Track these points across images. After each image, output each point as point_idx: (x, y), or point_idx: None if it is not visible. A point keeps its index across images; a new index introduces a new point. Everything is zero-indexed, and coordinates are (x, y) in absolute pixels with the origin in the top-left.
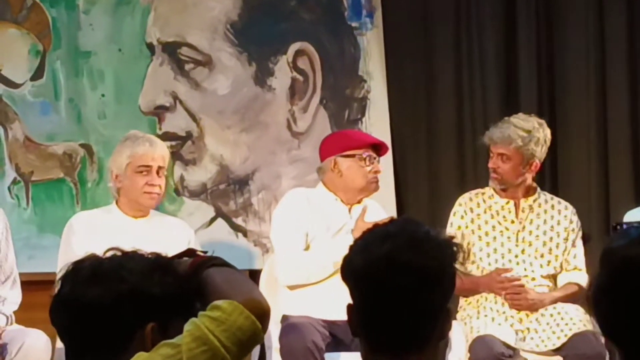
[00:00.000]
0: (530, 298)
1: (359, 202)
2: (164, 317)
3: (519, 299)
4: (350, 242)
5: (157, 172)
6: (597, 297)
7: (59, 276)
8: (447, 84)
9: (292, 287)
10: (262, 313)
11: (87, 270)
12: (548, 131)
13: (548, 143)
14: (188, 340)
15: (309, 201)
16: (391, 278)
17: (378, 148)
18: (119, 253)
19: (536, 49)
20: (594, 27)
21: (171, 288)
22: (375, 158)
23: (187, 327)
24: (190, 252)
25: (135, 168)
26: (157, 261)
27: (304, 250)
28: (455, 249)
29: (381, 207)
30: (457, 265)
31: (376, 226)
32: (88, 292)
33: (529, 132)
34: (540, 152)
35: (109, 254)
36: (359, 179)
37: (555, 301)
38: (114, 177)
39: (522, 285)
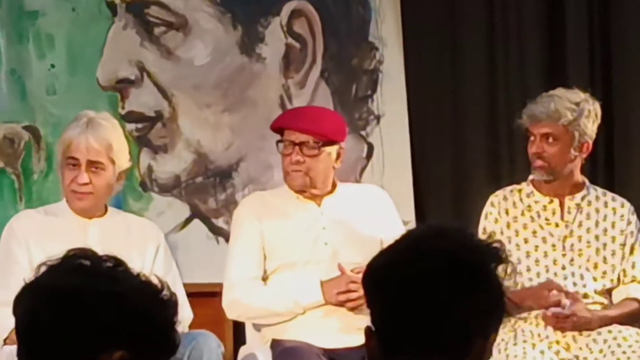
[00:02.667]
0: (579, 316)
1: (330, 192)
2: (141, 351)
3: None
4: (319, 275)
5: (91, 167)
6: None
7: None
8: (478, 51)
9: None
10: None
11: (76, 260)
12: (597, 105)
13: (599, 119)
14: None
15: (266, 206)
16: (414, 263)
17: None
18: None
19: (587, 12)
20: None
21: (162, 321)
22: (298, 144)
23: None
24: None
25: (64, 159)
26: (159, 287)
27: (259, 270)
28: (497, 249)
29: (387, 196)
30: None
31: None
32: (71, 280)
33: (577, 105)
34: (592, 129)
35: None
36: (283, 170)
37: (608, 322)
38: (58, 167)
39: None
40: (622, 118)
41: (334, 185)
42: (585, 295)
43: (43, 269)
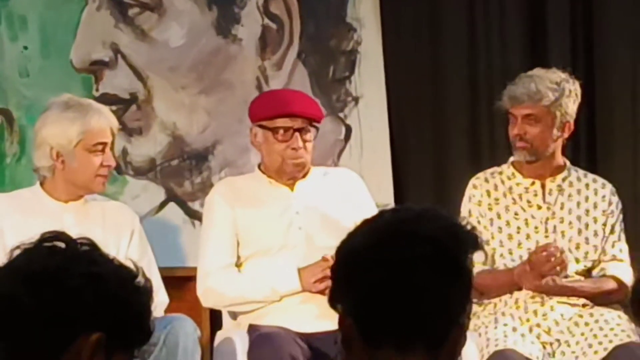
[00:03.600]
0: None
1: (303, 176)
2: (116, 335)
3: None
4: (294, 261)
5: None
6: None
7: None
8: (457, 31)
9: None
10: None
11: (51, 243)
12: (577, 84)
13: (579, 99)
14: None
15: (238, 191)
16: (397, 248)
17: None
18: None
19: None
20: None
21: (138, 306)
22: (297, 130)
23: None
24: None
25: (90, 147)
26: (134, 272)
27: (233, 256)
28: (476, 235)
29: (359, 179)
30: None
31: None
32: (48, 262)
33: (558, 84)
34: (573, 108)
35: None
36: (273, 158)
37: (580, 294)
38: (54, 155)
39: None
40: (604, 99)
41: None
42: (566, 277)
43: (17, 252)
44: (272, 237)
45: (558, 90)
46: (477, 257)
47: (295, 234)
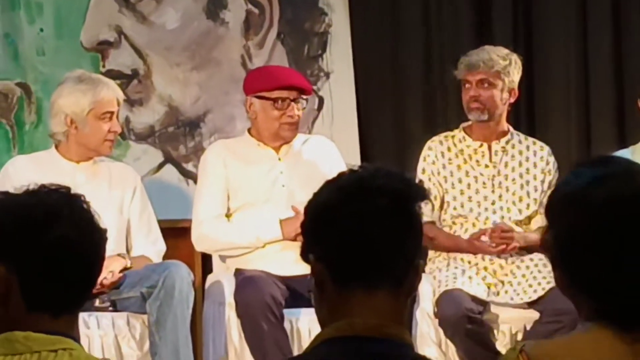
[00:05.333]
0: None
1: (288, 141)
2: (25, 267)
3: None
4: (277, 213)
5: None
6: (570, 248)
7: None
8: (414, 15)
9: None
10: None
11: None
12: (519, 60)
13: (520, 71)
14: None
15: (230, 152)
16: (358, 201)
17: (302, 88)
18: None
19: None
20: None
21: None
22: (293, 100)
23: None
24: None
25: (100, 115)
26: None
27: (223, 208)
28: (425, 189)
29: (332, 145)
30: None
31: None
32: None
33: (507, 56)
34: (517, 77)
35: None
36: (270, 123)
37: (529, 243)
38: (69, 122)
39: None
40: (542, 73)
41: None
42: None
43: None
44: (259, 192)
45: (507, 60)
46: (425, 208)
47: (278, 190)
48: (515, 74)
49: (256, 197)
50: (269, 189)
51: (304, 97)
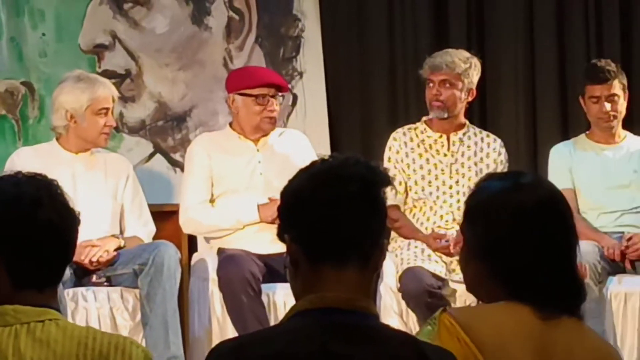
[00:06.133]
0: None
1: (266, 134)
2: (11, 250)
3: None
4: (255, 199)
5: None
6: (493, 243)
7: None
8: (379, 21)
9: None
10: None
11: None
12: (479, 62)
13: (479, 73)
14: None
15: (213, 144)
16: (329, 187)
17: (280, 87)
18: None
19: None
20: None
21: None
22: (272, 96)
23: None
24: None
25: (96, 111)
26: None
27: (208, 194)
28: (389, 175)
29: (304, 138)
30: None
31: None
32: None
33: (468, 59)
34: (476, 79)
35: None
36: (252, 118)
37: None
38: (69, 117)
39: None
40: (493, 72)
41: None
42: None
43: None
44: (239, 180)
45: (467, 63)
46: (389, 192)
47: (257, 178)
48: (474, 75)
49: (237, 185)
50: (249, 177)
51: (281, 94)
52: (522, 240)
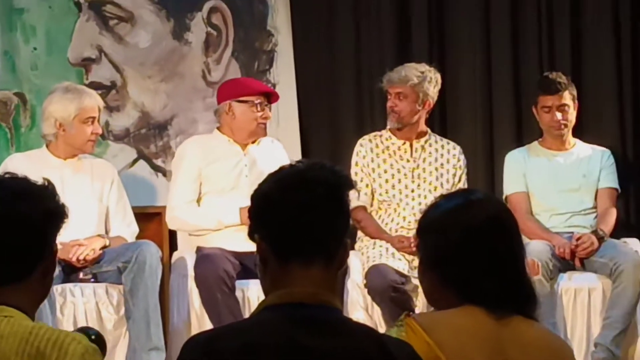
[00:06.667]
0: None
1: (254, 142)
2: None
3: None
4: (239, 200)
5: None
6: (447, 254)
7: None
8: (347, 35)
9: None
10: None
11: (5, 189)
12: (439, 75)
13: (439, 85)
14: None
15: (204, 146)
16: (296, 190)
17: (270, 96)
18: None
19: (427, 6)
20: None
21: (64, 212)
22: (266, 105)
23: None
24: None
25: (83, 119)
26: (49, 186)
27: (195, 194)
28: (351, 179)
29: (282, 147)
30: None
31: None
32: (16, 208)
33: (422, 73)
34: (433, 91)
35: (7, 176)
36: (249, 123)
37: None
38: (58, 125)
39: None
40: (453, 82)
41: None
42: None
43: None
44: (226, 181)
45: (421, 77)
46: (352, 195)
47: (243, 180)
48: (430, 88)
49: (224, 185)
50: (235, 179)
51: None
52: (471, 253)
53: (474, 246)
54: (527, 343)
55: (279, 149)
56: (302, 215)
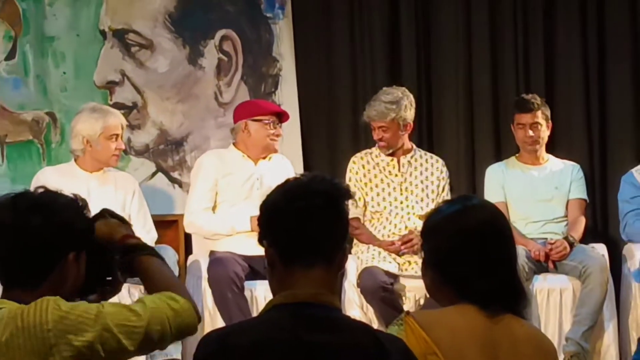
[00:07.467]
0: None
1: (264, 157)
2: (78, 249)
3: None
4: (251, 210)
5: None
6: (446, 256)
7: None
8: (344, 62)
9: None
10: (199, 317)
11: (25, 202)
12: (411, 96)
13: (414, 105)
14: (149, 316)
15: (220, 159)
16: (299, 200)
17: (281, 116)
18: (47, 190)
19: (415, 35)
20: (462, 15)
21: (89, 225)
22: (278, 124)
23: (149, 303)
24: (110, 212)
25: (108, 136)
26: (78, 200)
27: (211, 202)
28: (350, 190)
29: (289, 163)
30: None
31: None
32: (30, 220)
33: (396, 103)
34: (410, 114)
35: (40, 190)
36: (262, 139)
37: None
38: (85, 142)
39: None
40: (438, 105)
41: None
42: (414, 217)
43: (40, 190)
44: (239, 192)
45: (395, 109)
46: (351, 205)
47: (254, 191)
48: (407, 112)
49: (237, 196)
50: (248, 190)
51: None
52: (465, 254)
53: (468, 248)
54: (518, 340)
55: (287, 164)
56: (304, 222)
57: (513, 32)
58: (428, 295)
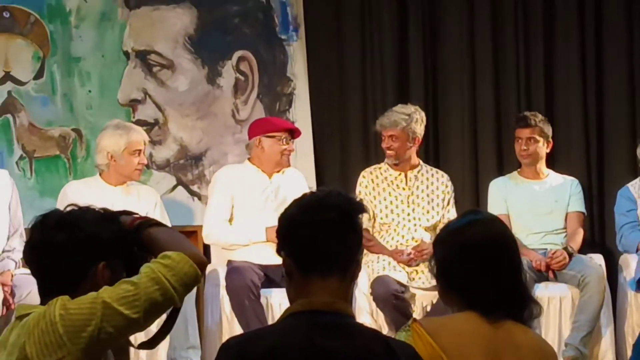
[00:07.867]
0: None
1: (278, 171)
2: (110, 257)
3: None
4: (266, 221)
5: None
6: (450, 266)
7: (29, 225)
8: (355, 81)
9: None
10: (201, 262)
11: (52, 220)
12: (423, 113)
13: (424, 122)
14: (145, 280)
15: (236, 174)
16: (315, 214)
17: (293, 132)
18: (76, 207)
19: (422, 48)
20: (466, 35)
21: (116, 234)
22: (290, 140)
23: (143, 270)
24: (127, 212)
25: (131, 152)
26: (106, 213)
27: (228, 214)
28: (363, 205)
29: (302, 176)
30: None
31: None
32: (55, 237)
33: (409, 115)
34: (420, 129)
35: (68, 208)
36: (275, 155)
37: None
38: (109, 157)
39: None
40: (444, 122)
41: None
42: (420, 228)
43: (69, 208)
44: (255, 205)
45: (408, 119)
46: (364, 218)
47: (269, 204)
48: (417, 126)
49: (253, 208)
50: (262, 203)
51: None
52: (468, 264)
53: (470, 259)
54: (520, 346)
55: (300, 178)
56: (320, 235)
57: (515, 57)
58: (435, 303)
